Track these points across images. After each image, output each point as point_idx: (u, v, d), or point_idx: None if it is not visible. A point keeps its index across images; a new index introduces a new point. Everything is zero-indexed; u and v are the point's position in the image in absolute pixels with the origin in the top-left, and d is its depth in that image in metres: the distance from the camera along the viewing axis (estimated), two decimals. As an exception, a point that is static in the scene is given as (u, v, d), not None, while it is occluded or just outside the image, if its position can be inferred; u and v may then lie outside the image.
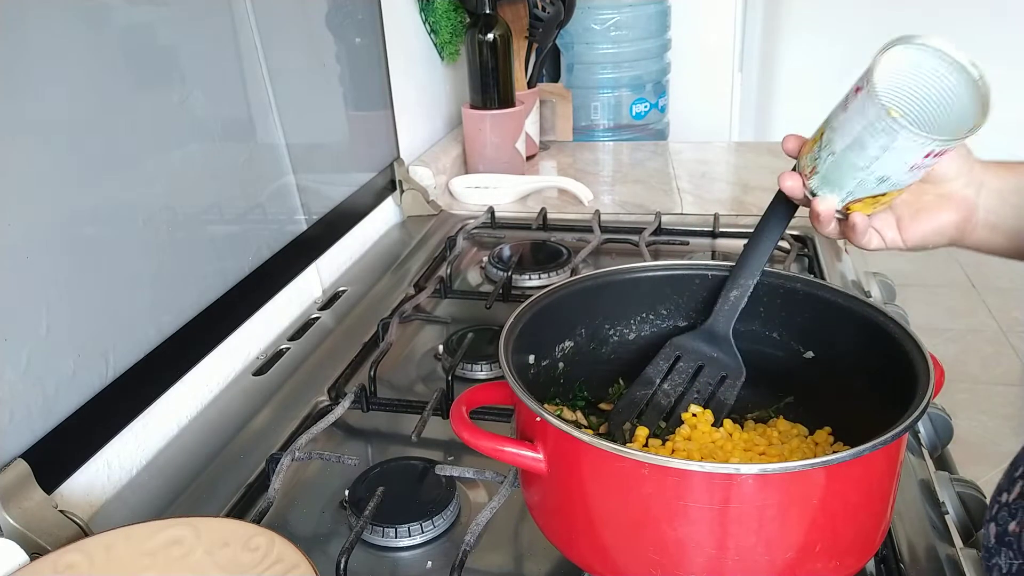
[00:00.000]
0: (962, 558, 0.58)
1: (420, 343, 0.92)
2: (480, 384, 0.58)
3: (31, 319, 0.60)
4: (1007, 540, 0.51)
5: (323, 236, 1.03)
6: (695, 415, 0.62)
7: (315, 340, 0.92)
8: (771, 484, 0.45)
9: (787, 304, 0.64)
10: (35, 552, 0.56)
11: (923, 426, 0.76)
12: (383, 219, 1.23)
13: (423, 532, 0.62)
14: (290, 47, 0.94)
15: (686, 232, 1.15)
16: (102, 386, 0.66)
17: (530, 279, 1.04)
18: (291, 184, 0.95)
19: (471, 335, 0.87)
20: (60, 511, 0.60)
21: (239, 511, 0.65)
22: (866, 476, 0.48)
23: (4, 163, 0.57)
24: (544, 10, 1.44)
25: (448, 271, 1.03)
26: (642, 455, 0.46)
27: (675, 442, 0.60)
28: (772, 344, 0.65)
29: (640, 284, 0.67)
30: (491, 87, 1.36)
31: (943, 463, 0.77)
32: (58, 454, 0.62)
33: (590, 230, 1.15)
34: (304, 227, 0.98)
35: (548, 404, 0.64)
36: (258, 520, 0.62)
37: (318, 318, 0.96)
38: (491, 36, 1.33)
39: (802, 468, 0.45)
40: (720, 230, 1.14)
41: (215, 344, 0.81)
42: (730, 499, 0.45)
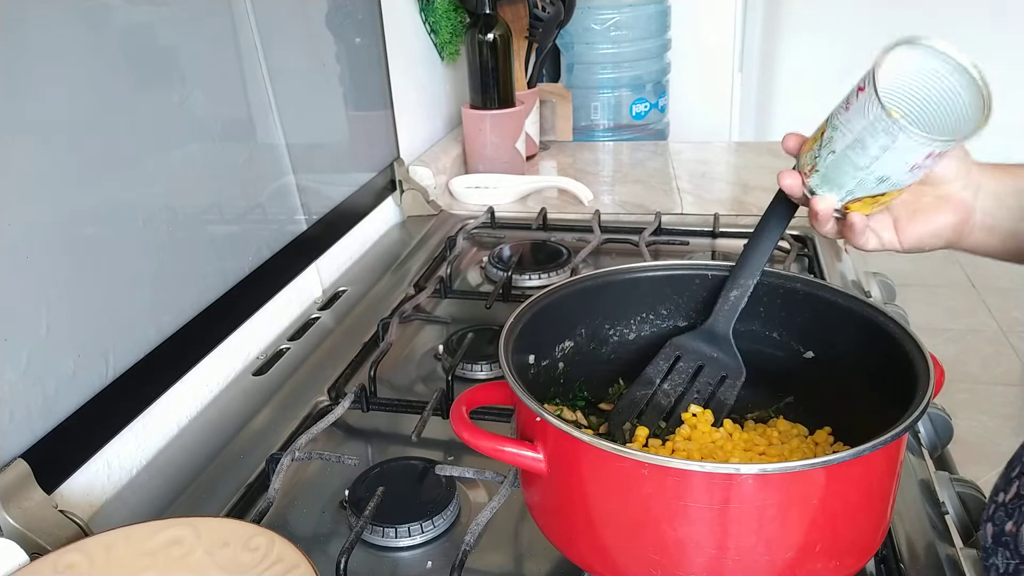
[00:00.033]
0: (962, 558, 0.58)
1: (420, 343, 0.92)
2: (480, 384, 0.58)
3: (31, 319, 0.60)
4: (1004, 540, 0.51)
5: (323, 236, 1.03)
6: (695, 415, 0.62)
7: (315, 340, 0.92)
8: (771, 484, 0.45)
9: (787, 304, 0.64)
10: (35, 552, 0.56)
11: (923, 426, 0.76)
12: (383, 219, 1.23)
13: (423, 532, 0.62)
14: (290, 47, 0.94)
15: (686, 232, 1.15)
16: (102, 386, 0.66)
17: (530, 279, 1.04)
18: (291, 184, 0.95)
19: (471, 335, 0.87)
20: (60, 511, 0.60)
21: (239, 511, 0.65)
22: (866, 476, 0.48)
23: (4, 163, 0.57)
24: (544, 10, 1.44)
25: (448, 271, 1.03)
26: (642, 455, 0.46)
27: (675, 442, 0.60)
28: (772, 344, 0.65)
29: (640, 284, 0.67)
30: (491, 87, 1.36)
31: (943, 463, 0.77)
32: (58, 454, 0.62)
33: (590, 230, 1.14)
34: (304, 227, 0.98)
35: (548, 404, 0.64)
36: (258, 520, 0.62)
37: (318, 318, 0.96)
38: (491, 36, 1.33)
39: (802, 468, 0.45)
40: (720, 230, 1.14)
41: (215, 344, 0.81)
42: (730, 499, 0.45)
